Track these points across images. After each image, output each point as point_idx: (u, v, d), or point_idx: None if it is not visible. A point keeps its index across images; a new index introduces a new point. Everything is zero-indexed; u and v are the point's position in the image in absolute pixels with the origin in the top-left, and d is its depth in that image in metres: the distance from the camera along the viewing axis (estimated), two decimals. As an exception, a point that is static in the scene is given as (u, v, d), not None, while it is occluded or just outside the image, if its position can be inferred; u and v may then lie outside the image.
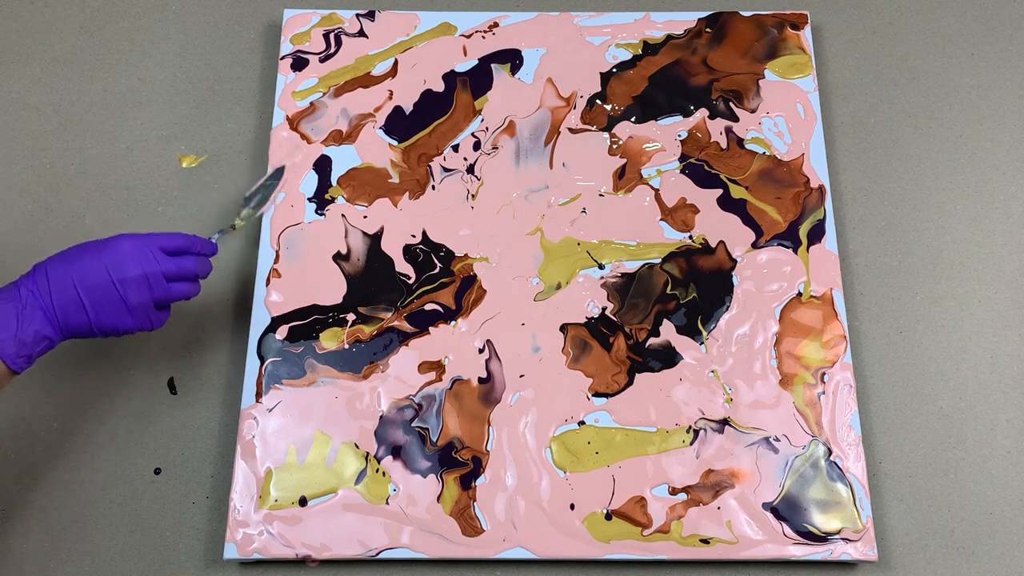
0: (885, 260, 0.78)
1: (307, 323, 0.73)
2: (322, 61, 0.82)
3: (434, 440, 0.70)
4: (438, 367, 0.72)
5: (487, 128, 0.80)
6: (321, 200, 0.78)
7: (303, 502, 0.68)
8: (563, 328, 0.74)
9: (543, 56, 0.83)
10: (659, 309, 0.74)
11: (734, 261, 0.76)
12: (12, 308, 0.59)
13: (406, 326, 0.74)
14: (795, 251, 0.76)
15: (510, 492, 0.69)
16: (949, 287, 0.77)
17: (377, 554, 0.67)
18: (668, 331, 0.73)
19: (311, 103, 0.81)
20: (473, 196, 0.78)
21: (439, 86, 0.82)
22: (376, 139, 0.80)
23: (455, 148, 0.80)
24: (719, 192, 0.78)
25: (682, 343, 0.73)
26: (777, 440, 0.70)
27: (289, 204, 0.77)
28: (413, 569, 0.69)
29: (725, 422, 0.71)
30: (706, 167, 0.79)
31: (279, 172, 0.77)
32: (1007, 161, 0.82)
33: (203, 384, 0.74)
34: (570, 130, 0.80)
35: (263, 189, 0.75)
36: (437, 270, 0.75)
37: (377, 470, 0.69)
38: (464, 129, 0.80)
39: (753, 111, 0.81)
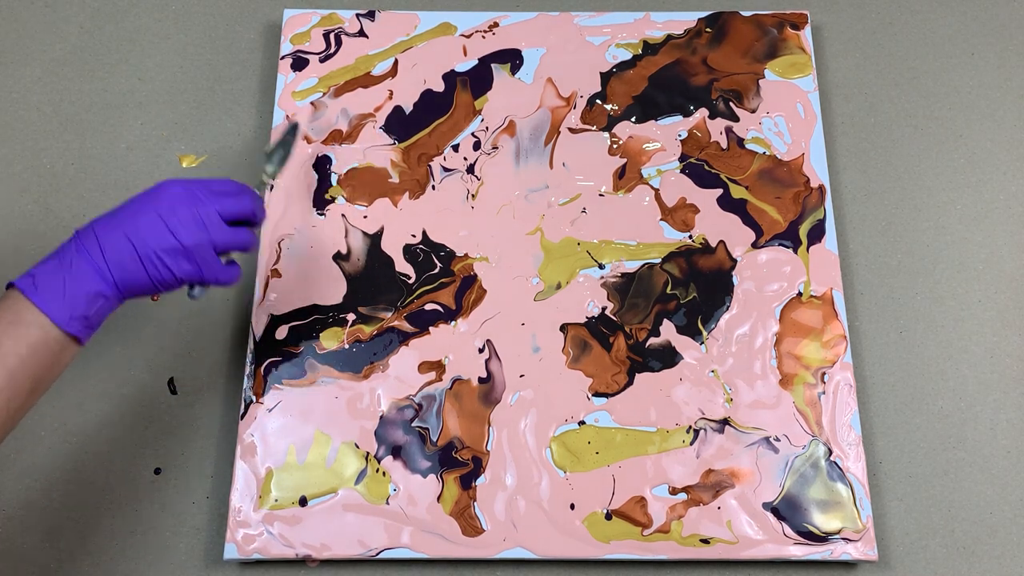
0: (885, 260, 0.78)
1: (307, 323, 0.73)
2: (322, 61, 0.82)
3: (434, 440, 0.70)
4: (438, 367, 0.72)
5: (487, 128, 0.80)
6: (321, 200, 0.78)
7: (303, 502, 0.68)
8: (563, 328, 0.74)
9: (543, 56, 0.83)
10: (659, 309, 0.74)
11: (734, 261, 0.76)
12: (56, 267, 0.56)
13: (406, 326, 0.74)
14: (795, 251, 0.76)
15: (510, 492, 0.69)
16: (949, 287, 0.77)
17: (377, 554, 0.67)
18: (668, 331, 0.73)
19: (311, 103, 0.81)
20: (473, 196, 0.78)
21: (439, 86, 0.82)
22: (376, 139, 0.80)
23: (455, 148, 0.80)
24: (719, 192, 0.78)
25: (682, 343, 0.73)
26: (777, 440, 0.70)
27: (286, 206, 0.77)
28: (413, 569, 0.69)
29: (725, 422, 0.71)
30: (706, 167, 0.79)
31: (295, 128, 0.73)
32: (1007, 161, 0.82)
33: (203, 384, 0.74)
34: (570, 130, 0.80)
35: (283, 145, 0.71)
36: (437, 270, 0.75)
37: (377, 470, 0.69)
38: (464, 129, 0.80)
39: (753, 111, 0.81)
